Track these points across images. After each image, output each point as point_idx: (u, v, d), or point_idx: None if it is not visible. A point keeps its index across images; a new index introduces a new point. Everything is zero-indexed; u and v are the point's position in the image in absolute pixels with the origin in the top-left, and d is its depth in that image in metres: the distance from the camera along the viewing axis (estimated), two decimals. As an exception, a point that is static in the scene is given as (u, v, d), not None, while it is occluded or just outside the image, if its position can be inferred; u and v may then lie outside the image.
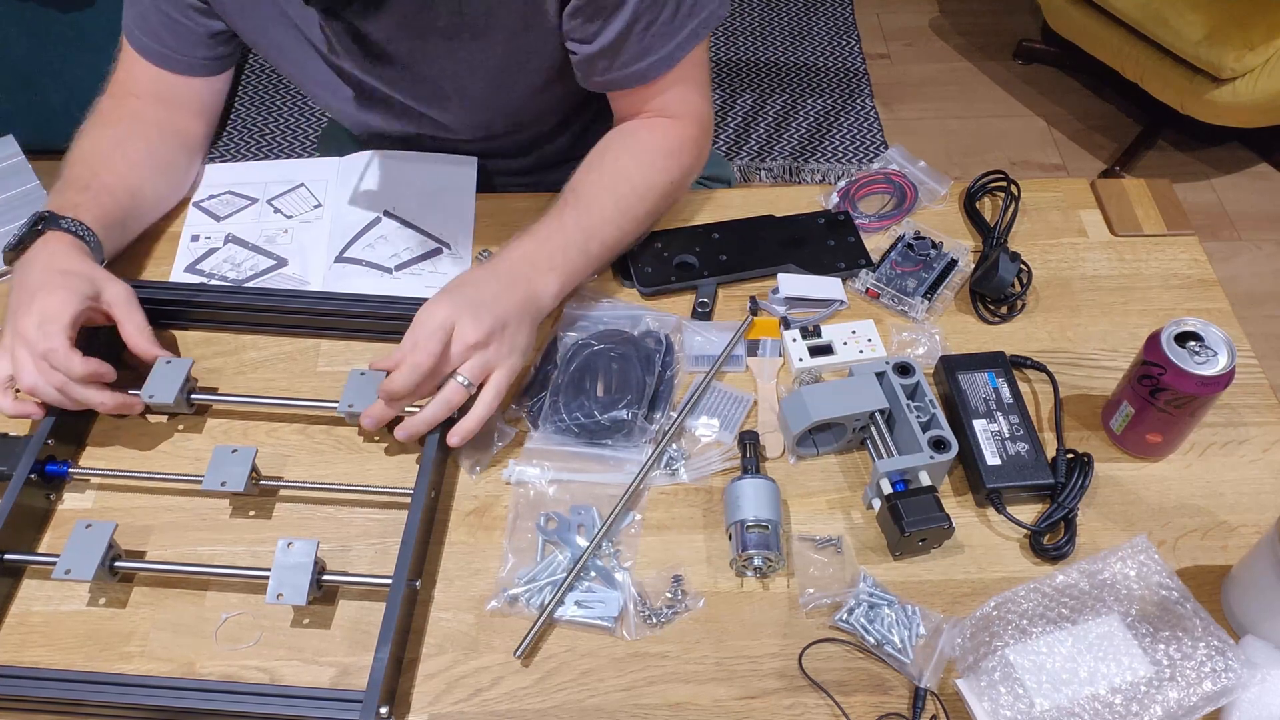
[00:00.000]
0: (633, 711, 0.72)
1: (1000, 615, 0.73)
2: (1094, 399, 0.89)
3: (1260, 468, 0.86)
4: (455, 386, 0.80)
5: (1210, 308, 0.96)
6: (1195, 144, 2.40)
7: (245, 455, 0.80)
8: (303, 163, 1.07)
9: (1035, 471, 0.82)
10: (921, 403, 0.83)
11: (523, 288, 0.85)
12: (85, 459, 0.85)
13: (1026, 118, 2.50)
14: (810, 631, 0.76)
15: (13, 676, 0.70)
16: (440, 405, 0.80)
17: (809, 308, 0.95)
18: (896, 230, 1.01)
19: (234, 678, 0.73)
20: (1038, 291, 0.97)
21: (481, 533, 0.81)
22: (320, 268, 0.98)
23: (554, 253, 0.88)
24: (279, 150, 2.36)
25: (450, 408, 0.81)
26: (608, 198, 0.92)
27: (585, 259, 0.90)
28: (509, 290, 0.84)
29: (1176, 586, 0.74)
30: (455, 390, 0.80)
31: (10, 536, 0.77)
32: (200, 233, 1.00)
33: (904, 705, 0.73)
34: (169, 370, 0.85)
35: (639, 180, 0.94)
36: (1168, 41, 2.05)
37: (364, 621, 0.76)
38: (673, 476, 0.84)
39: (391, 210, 1.01)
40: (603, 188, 0.93)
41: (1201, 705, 0.68)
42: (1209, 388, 0.79)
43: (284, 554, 0.74)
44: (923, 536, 0.77)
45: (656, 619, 0.76)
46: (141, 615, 0.77)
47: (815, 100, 2.52)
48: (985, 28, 2.73)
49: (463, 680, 0.74)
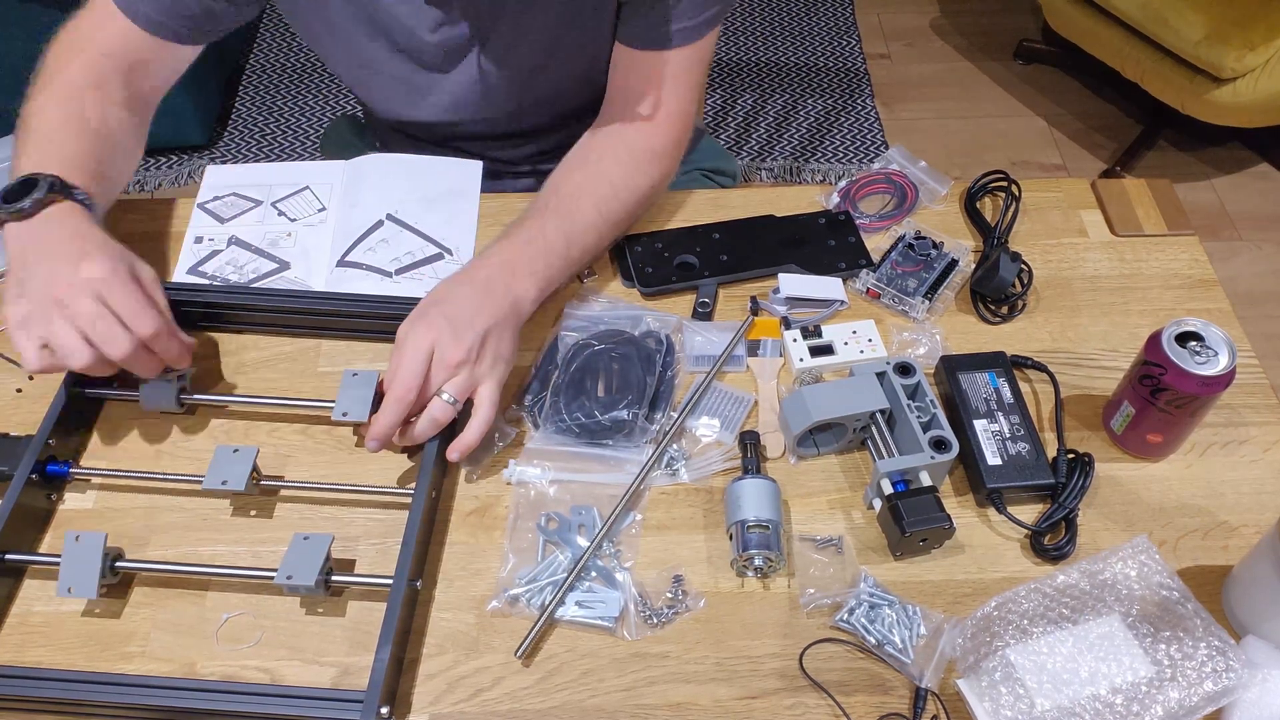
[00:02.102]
0: (633, 712, 0.72)
1: (1001, 615, 0.73)
2: (1095, 399, 0.89)
3: (1261, 468, 0.86)
4: (441, 405, 0.80)
5: (1211, 308, 0.96)
6: (1195, 144, 2.40)
7: (246, 455, 0.80)
8: (308, 165, 1.07)
9: (1036, 472, 0.82)
10: (922, 403, 0.83)
11: (502, 296, 0.84)
12: (86, 459, 0.85)
13: (1027, 118, 2.50)
14: (811, 631, 0.76)
15: (13, 677, 0.70)
16: (428, 423, 0.80)
17: (810, 308, 0.95)
18: (897, 230, 1.01)
19: (235, 678, 0.73)
20: (1038, 291, 0.98)
21: (482, 533, 0.81)
22: (322, 271, 0.98)
23: (534, 257, 0.87)
24: (279, 151, 2.36)
25: (438, 425, 0.80)
26: (588, 201, 0.92)
27: (564, 263, 0.90)
28: (487, 300, 0.83)
29: (1177, 586, 0.74)
30: (441, 409, 0.80)
31: (11, 537, 0.77)
32: (204, 234, 1.00)
33: (905, 705, 0.73)
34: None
35: (620, 182, 0.94)
36: (1168, 41, 2.05)
37: (365, 622, 0.76)
38: (673, 477, 0.84)
39: (395, 214, 1.02)
40: (584, 190, 0.93)
41: (1202, 705, 0.68)
42: (1210, 388, 0.79)
43: (299, 544, 0.75)
44: (923, 537, 0.77)
45: (657, 619, 0.76)
46: (142, 615, 0.77)
47: (816, 100, 2.52)
48: (986, 28, 2.73)
49: (463, 680, 0.74)
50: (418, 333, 0.80)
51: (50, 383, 0.85)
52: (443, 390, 0.80)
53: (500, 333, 0.83)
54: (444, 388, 0.80)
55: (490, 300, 0.83)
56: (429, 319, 0.81)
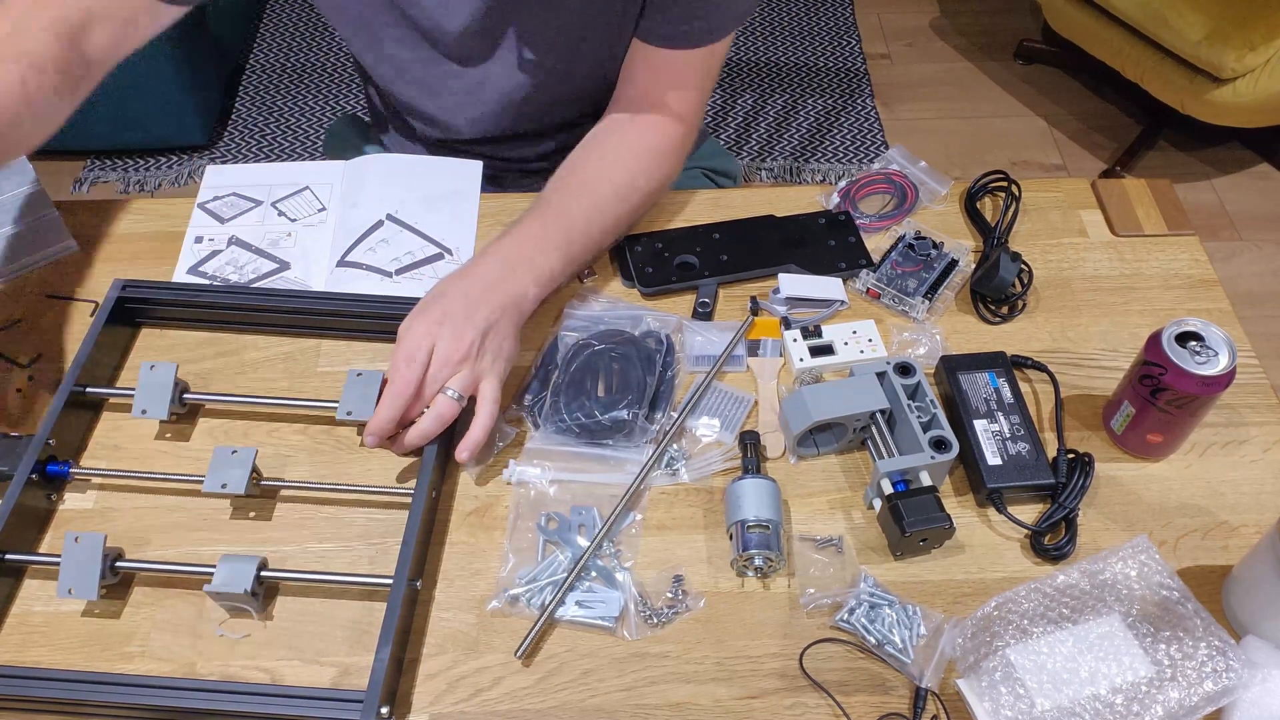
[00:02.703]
0: (633, 711, 0.72)
1: (1001, 615, 0.73)
2: (1095, 399, 0.89)
3: (1261, 468, 0.86)
4: (446, 400, 0.80)
5: (1211, 308, 0.96)
6: (1195, 144, 2.40)
7: (245, 456, 0.80)
8: (308, 165, 1.07)
9: (1036, 471, 0.82)
10: (922, 403, 0.83)
11: (502, 292, 0.84)
12: (86, 459, 0.85)
13: (1027, 118, 2.50)
14: (811, 631, 0.76)
15: (13, 676, 0.70)
16: (433, 420, 0.80)
17: (810, 308, 0.95)
18: (897, 230, 1.01)
19: (235, 678, 0.73)
20: (1038, 291, 0.97)
21: (482, 533, 0.81)
22: (322, 272, 0.98)
23: (534, 255, 0.87)
24: (280, 151, 2.36)
25: (444, 422, 0.81)
26: (591, 199, 0.92)
27: (565, 261, 0.90)
28: (488, 297, 0.83)
29: (1177, 586, 0.74)
30: (446, 404, 0.80)
31: (11, 537, 0.77)
32: (204, 234, 1.00)
33: (905, 705, 0.73)
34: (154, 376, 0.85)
35: (625, 182, 0.94)
36: (1168, 41, 2.05)
37: (364, 621, 0.76)
38: (673, 476, 0.84)
39: (395, 214, 1.02)
40: (588, 188, 0.93)
41: (1202, 705, 0.68)
42: (1210, 388, 0.79)
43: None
44: (923, 536, 0.77)
45: (657, 619, 0.76)
46: (142, 615, 0.77)
47: (816, 100, 2.52)
48: (986, 28, 2.73)
49: (463, 680, 0.74)
50: (417, 329, 0.81)
51: (50, 383, 0.85)
52: (447, 386, 0.80)
53: (501, 329, 0.83)
54: (448, 384, 0.80)
55: (491, 296, 0.83)
56: (429, 315, 0.82)
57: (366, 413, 0.82)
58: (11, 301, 0.95)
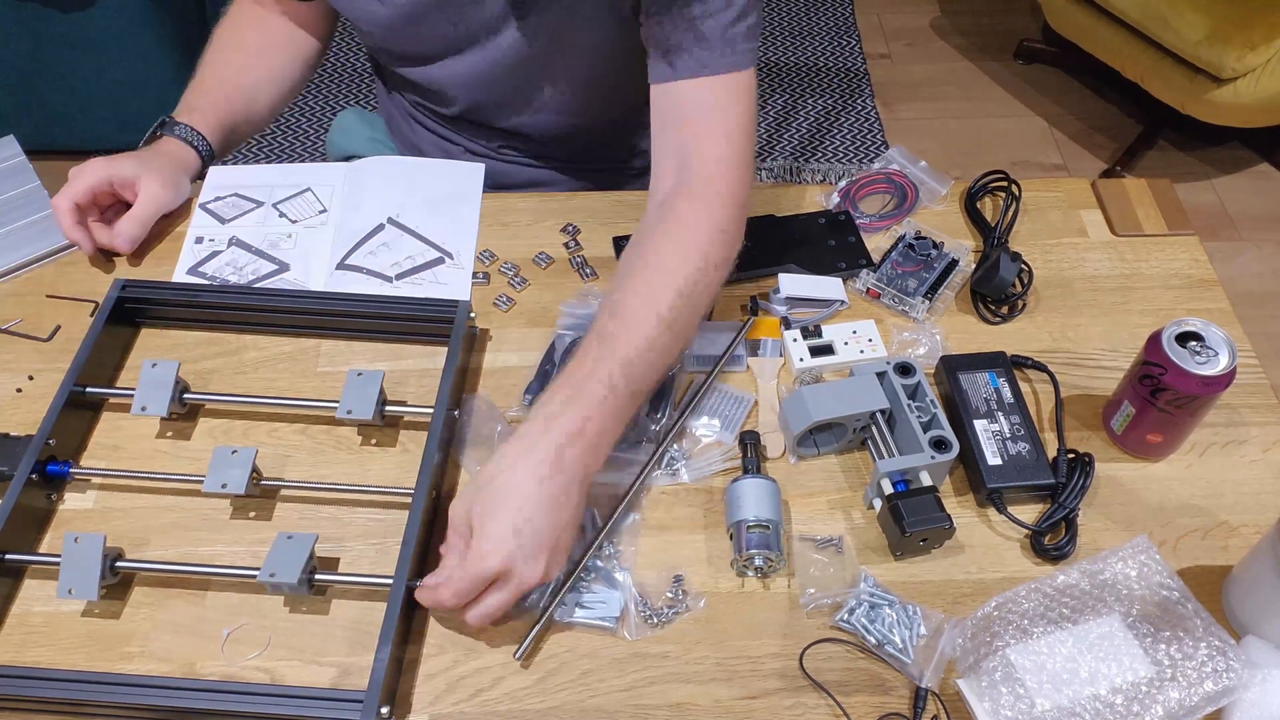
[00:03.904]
0: (633, 712, 0.72)
1: (1001, 615, 0.73)
2: (1095, 399, 0.89)
3: (1261, 468, 0.86)
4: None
5: (1211, 308, 0.96)
6: (1196, 144, 2.40)
7: (245, 456, 0.80)
8: (310, 167, 1.07)
9: (1036, 471, 0.82)
10: (922, 403, 0.83)
11: (577, 493, 0.75)
12: (86, 459, 0.85)
13: (1027, 118, 2.50)
14: (811, 631, 0.76)
15: (13, 676, 0.70)
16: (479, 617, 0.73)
17: (810, 308, 0.95)
18: (897, 230, 1.01)
19: (235, 678, 0.73)
20: (1038, 291, 0.97)
21: (482, 533, 0.81)
22: (322, 274, 0.97)
23: (604, 430, 0.76)
24: (280, 152, 2.36)
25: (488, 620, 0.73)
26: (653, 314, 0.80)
27: (634, 403, 0.79)
28: (560, 508, 0.73)
29: (1177, 586, 0.74)
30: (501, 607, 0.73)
31: (11, 537, 0.77)
32: (204, 235, 1.00)
33: (905, 705, 0.73)
34: (156, 373, 0.85)
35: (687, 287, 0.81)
36: (1168, 41, 2.05)
37: (364, 621, 0.76)
38: (673, 477, 0.84)
39: (395, 217, 1.01)
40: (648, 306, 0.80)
41: (1202, 705, 0.68)
42: (1210, 388, 0.79)
43: (282, 543, 0.75)
44: (924, 536, 0.77)
45: (657, 619, 0.76)
46: (142, 616, 0.77)
47: (816, 100, 2.52)
48: (986, 28, 2.73)
49: (463, 680, 0.74)
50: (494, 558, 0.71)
51: (50, 383, 0.85)
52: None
53: (572, 533, 0.75)
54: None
55: (565, 506, 0.74)
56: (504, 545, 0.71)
57: (367, 412, 0.82)
58: (12, 301, 0.95)
